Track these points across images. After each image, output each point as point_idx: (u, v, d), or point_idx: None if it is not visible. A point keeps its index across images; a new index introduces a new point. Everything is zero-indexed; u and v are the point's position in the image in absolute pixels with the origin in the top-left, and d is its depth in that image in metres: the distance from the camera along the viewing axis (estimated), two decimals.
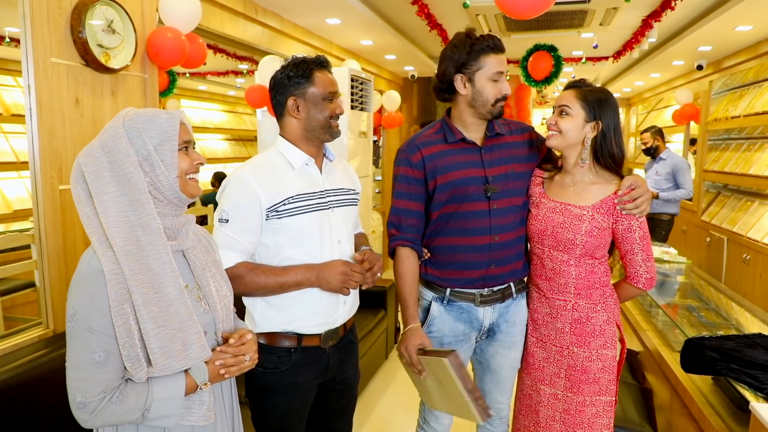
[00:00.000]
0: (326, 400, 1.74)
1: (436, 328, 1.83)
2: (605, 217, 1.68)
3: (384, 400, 3.29)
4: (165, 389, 1.14)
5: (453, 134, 1.77)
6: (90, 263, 1.11)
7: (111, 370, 1.10)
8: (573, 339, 1.75)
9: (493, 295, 1.80)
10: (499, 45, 1.71)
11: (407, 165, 1.79)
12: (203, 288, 1.27)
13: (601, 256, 1.73)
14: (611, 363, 1.75)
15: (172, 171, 1.17)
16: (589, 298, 1.73)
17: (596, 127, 1.67)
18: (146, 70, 2.55)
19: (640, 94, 9.97)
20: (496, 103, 1.72)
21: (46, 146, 2.05)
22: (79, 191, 1.15)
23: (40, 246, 2.08)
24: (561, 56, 4.53)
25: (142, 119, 1.17)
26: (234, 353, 1.25)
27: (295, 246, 1.58)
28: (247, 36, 3.72)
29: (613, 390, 1.76)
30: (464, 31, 1.74)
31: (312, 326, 1.62)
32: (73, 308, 1.10)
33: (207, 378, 1.20)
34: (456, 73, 1.71)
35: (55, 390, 1.75)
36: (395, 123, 6.04)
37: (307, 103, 1.59)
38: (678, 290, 3.18)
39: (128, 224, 1.13)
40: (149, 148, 1.15)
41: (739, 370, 1.69)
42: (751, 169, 4.85)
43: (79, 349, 1.09)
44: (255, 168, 1.58)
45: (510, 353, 1.88)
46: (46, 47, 2.04)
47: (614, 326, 1.76)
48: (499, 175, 1.77)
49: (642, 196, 1.65)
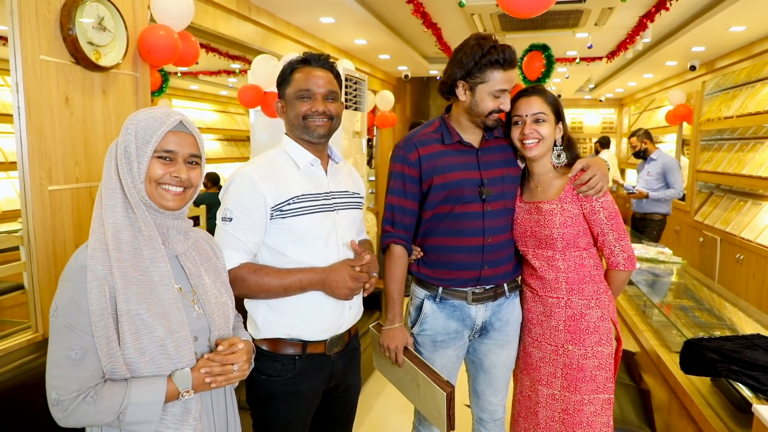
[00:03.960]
0: (329, 408, 1.70)
1: (428, 325, 1.83)
2: (572, 205, 1.71)
3: (380, 403, 3.28)
4: (143, 393, 1.09)
5: (450, 135, 1.76)
6: (76, 258, 1.11)
7: (87, 368, 1.08)
8: (567, 336, 1.75)
9: (486, 294, 1.80)
10: (511, 60, 1.66)
11: (404, 162, 1.77)
12: (198, 294, 1.24)
13: (587, 245, 1.75)
14: (607, 360, 1.74)
15: (140, 174, 1.16)
16: (582, 294, 1.74)
17: (562, 127, 1.77)
18: (138, 69, 2.50)
19: (633, 95, 10.01)
20: (490, 114, 1.70)
21: (34, 146, 2.01)
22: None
23: (28, 247, 2.03)
24: (552, 55, 4.53)
25: (140, 117, 1.17)
26: (221, 362, 1.18)
27: (299, 247, 1.54)
28: (240, 35, 3.68)
29: (611, 388, 1.75)
30: (479, 36, 1.69)
31: (317, 332, 1.57)
32: (56, 304, 1.10)
33: (190, 386, 1.14)
34: (460, 79, 1.70)
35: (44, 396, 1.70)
36: (389, 123, 6.03)
37: (286, 103, 1.60)
38: (673, 290, 3.18)
39: (116, 216, 1.14)
40: (132, 146, 1.15)
41: (739, 371, 1.67)
42: (743, 170, 4.87)
43: (58, 345, 1.08)
44: (260, 166, 1.54)
45: (503, 352, 1.87)
46: (34, 44, 1.99)
47: (609, 323, 1.76)
48: (494, 178, 1.77)
49: (594, 176, 1.67)
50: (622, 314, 2.89)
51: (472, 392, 1.97)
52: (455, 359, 1.87)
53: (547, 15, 3.98)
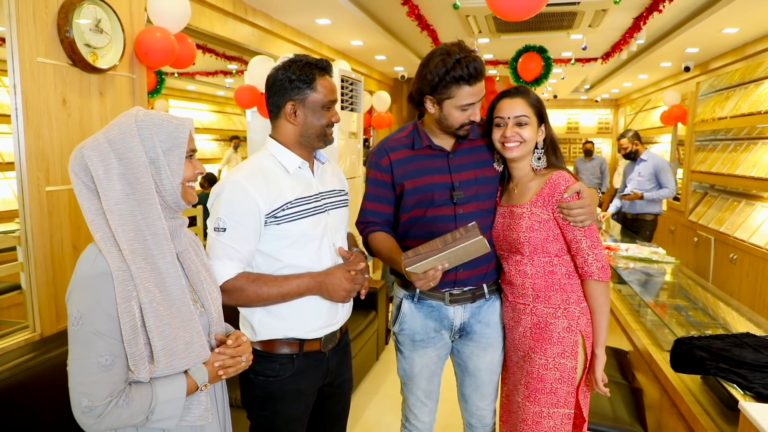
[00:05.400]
0: (323, 405, 1.72)
1: (407, 325, 1.84)
2: (543, 209, 1.66)
3: (375, 403, 3.28)
4: (168, 391, 1.15)
5: (421, 140, 1.76)
6: (95, 264, 1.10)
7: (117, 373, 1.10)
8: (532, 344, 1.71)
9: (463, 295, 1.80)
10: (476, 74, 1.60)
11: (376, 168, 1.79)
12: (198, 291, 1.28)
13: (558, 252, 1.69)
14: (570, 374, 1.67)
15: (176, 177, 1.18)
16: (548, 302, 1.69)
17: (545, 129, 1.72)
18: (135, 70, 2.52)
19: (628, 95, 10.05)
20: (461, 127, 1.69)
21: (32, 147, 2.02)
22: (80, 183, 1.14)
23: (26, 248, 2.05)
24: (551, 57, 4.55)
25: (156, 122, 1.17)
26: (232, 354, 1.27)
27: (294, 251, 1.55)
28: (237, 36, 3.69)
29: (572, 402, 1.69)
30: (442, 50, 1.62)
31: (313, 331, 1.59)
32: (78, 311, 1.09)
33: (207, 379, 1.22)
34: (427, 94, 1.67)
35: (42, 396, 1.72)
36: (385, 123, 6.04)
37: (305, 110, 1.54)
38: (666, 290, 3.20)
39: (134, 223, 1.13)
40: (158, 151, 1.16)
41: (727, 369, 1.70)
42: (737, 170, 4.91)
43: (85, 353, 1.09)
44: (250, 173, 1.51)
45: (486, 355, 1.86)
46: (32, 46, 2.01)
47: (577, 335, 1.68)
48: (467, 180, 1.75)
49: (582, 208, 1.60)
50: (615, 313, 2.91)
51: (460, 397, 1.97)
52: (436, 359, 1.87)
53: (541, 17, 4.00)
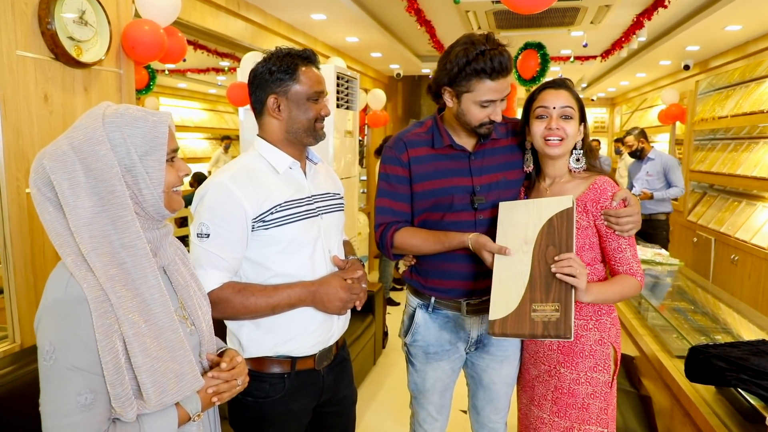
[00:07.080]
0: (322, 424, 1.61)
1: (420, 336, 1.75)
2: (584, 216, 1.57)
3: (372, 409, 3.21)
4: (157, 427, 1.01)
5: (441, 139, 1.65)
6: (68, 289, 0.95)
7: (99, 413, 0.95)
8: (561, 358, 1.61)
9: (482, 305, 1.69)
10: (501, 69, 1.49)
11: (395, 163, 1.68)
12: (188, 307, 1.14)
13: (592, 260, 1.61)
14: (603, 389, 1.59)
15: (157, 185, 1.02)
16: (579, 313, 1.60)
17: (584, 129, 1.63)
18: (122, 65, 2.41)
19: (625, 94, 10.02)
20: (481, 126, 1.58)
21: (11, 146, 1.92)
22: (43, 199, 1.00)
23: (5, 253, 1.95)
24: (548, 54, 4.47)
25: (127, 121, 1.00)
26: (227, 378, 1.14)
27: (284, 259, 1.43)
28: (229, 31, 3.60)
29: (605, 420, 1.60)
30: (466, 39, 1.52)
31: (306, 347, 1.47)
32: (51, 344, 0.93)
33: (200, 408, 1.09)
34: (445, 85, 1.57)
35: (22, 413, 1.61)
36: (380, 122, 5.96)
37: (289, 103, 1.43)
38: (673, 293, 3.13)
39: (109, 245, 0.97)
40: (134, 157, 0.99)
41: (749, 380, 1.61)
42: (738, 170, 4.86)
43: (61, 392, 0.93)
44: (236, 174, 1.40)
45: (503, 368, 1.77)
46: (10, 39, 1.90)
47: (608, 348, 1.60)
48: (489, 184, 1.65)
49: (632, 217, 1.52)
50: (621, 318, 2.84)
51: (471, 408, 1.89)
52: (450, 372, 1.78)
53: (543, 12, 3.92)
